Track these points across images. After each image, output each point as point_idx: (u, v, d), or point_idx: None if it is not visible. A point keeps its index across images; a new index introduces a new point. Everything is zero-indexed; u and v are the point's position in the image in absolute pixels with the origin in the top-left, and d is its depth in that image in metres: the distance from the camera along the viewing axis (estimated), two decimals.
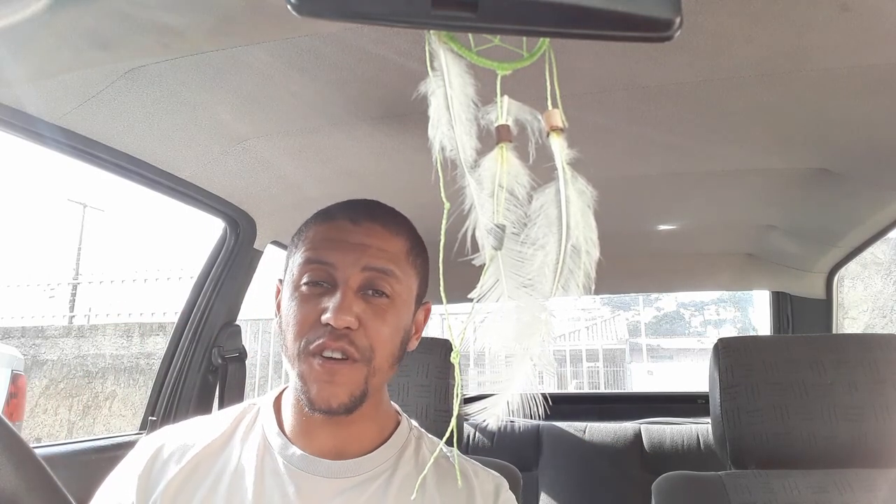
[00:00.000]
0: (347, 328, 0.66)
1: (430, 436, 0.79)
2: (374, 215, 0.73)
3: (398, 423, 0.77)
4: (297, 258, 0.71)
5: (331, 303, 0.66)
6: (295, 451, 0.70)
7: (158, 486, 0.68)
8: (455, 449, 0.70)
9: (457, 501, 0.71)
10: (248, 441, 0.72)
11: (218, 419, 0.76)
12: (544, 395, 0.32)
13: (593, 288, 0.30)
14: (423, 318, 0.77)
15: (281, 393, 0.77)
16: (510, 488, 0.76)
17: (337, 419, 0.69)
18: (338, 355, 0.66)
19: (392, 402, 0.80)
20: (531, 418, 1.95)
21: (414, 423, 0.80)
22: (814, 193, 1.29)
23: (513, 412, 0.33)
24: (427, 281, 0.77)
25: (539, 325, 0.31)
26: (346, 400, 0.67)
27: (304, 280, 0.69)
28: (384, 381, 0.72)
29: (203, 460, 0.71)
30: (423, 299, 0.77)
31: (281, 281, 0.77)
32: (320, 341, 0.66)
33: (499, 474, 0.77)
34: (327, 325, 0.66)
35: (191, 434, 0.73)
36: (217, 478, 0.69)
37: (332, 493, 0.68)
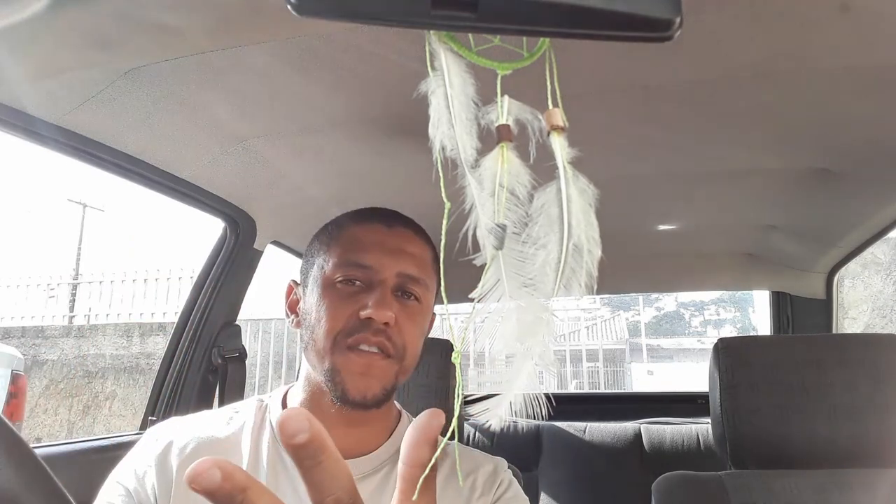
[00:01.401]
0: (386, 324, 0.68)
1: None
2: (405, 221, 0.76)
3: (400, 421, 0.78)
4: (330, 258, 0.72)
5: (370, 299, 0.68)
6: None
7: (174, 472, 0.69)
8: (456, 443, 0.70)
9: (457, 487, 0.72)
10: (260, 438, 0.73)
11: (227, 414, 0.77)
12: (547, 396, 0.32)
13: (595, 287, 0.30)
14: (429, 328, 0.79)
15: (287, 392, 0.78)
16: None
17: (349, 419, 0.70)
18: (374, 349, 0.68)
19: (395, 402, 0.80)
20: (534, 419, 1.95)
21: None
22: (814, 193, 1.29)
23: (515, 413, 0.33)
24: (439, 291, 0.79)
25: (541, 325, 0.31)
26: (379, 393, 0.69)
27: (339, 278, 0.71)
28: (404, 382, 0.74)
29: (217, 452, 0.71)
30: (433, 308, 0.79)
31: (296, 282, 0.77)
32: (359, 335, 0.68)
33: (497, 457, 0.78)
34: (367, 319, 0.68)
35: (203, 426, 0.74)
36: None
37: None
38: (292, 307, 0.77)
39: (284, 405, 0.76)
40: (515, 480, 0.77)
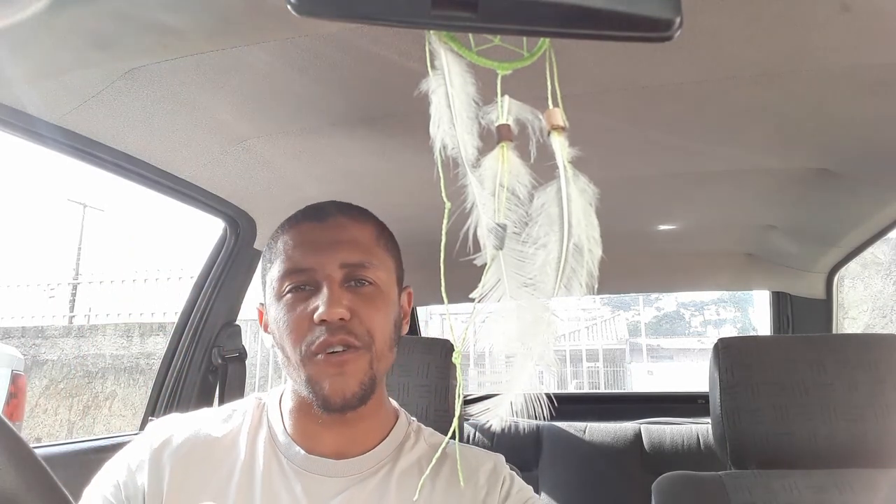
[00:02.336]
0: (342, 320, 0.67)
1: (428, 428, 0.80)
2: (339, 209, 0.75)
3: (397, 419, 0.78)
4: (274, 272, 0.72)
5: (319, 300, 0.67)
6: (299, 451, 0.71)
7: (167, 471, 0.69)
8: (456, 443, 0.70)
9: (458, 487, 0.72)
10: (256, 437, 0.73)
11: (226, 412, 0.77)
12: (548, 396, 0.32)
13: (596, 287, 0.30)
14: (407, 303, 0.78)
15: (283, 392, 0.78)
16: None
17: (342, 420, 0.70)
18: (339, 348, 0.67)
19: (391, 400, 0.80)
20: (534, 419, 1.95)
21: (412, 418, 0.81)
22: (814, 193, 1.29)
23: (516, 413, 0.33)
24: (402, 263, 0.78)
25: (541, 325, 0.31)
26: (357, 389, 0.68)
27: (287, 288, 0.70)
28: (387, 368, 0.73)
29: (214, 451, 0.71)
30: (403, 282, 0.78)
31: (262, 304, 0.77)
32: (321, 339, 0.67)
33: (495, 453, 0.78)
34: (321, 322, 0.67)
35: (201, 424, 0.74)
36: (229, 470, 0.70)
37: (335, 491, 0.69)
38: (266, 328, 0.77)
39: (280, 405, 0.76)
40: (515, 474, 0.77)
